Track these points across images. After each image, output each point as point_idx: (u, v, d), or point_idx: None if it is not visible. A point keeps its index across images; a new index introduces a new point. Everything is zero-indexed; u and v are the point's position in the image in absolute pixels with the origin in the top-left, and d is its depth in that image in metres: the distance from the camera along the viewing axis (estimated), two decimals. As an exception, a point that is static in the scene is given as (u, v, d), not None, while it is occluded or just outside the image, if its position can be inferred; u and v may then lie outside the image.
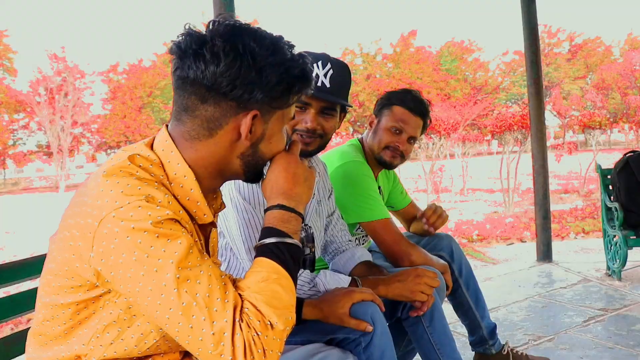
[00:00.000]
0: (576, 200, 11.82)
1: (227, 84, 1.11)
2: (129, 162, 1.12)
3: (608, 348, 3.00)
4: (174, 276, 1.03)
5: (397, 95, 2.50)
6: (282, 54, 1.16)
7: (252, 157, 1.23)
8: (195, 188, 1.18)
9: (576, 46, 46.25)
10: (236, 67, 1.10)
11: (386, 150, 2.48)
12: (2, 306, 1.60)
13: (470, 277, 2.56)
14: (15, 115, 34.76)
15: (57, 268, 1.13)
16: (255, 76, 1.12)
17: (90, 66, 52.44)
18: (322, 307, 1.58)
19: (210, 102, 1.14)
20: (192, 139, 1.18)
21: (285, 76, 1.16)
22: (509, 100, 46.63)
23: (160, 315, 1.04)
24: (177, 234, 1.06)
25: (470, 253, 6.59)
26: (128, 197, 1.04)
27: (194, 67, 1.12)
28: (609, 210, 4.60)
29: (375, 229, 2.31)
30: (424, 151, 12.72)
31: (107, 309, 1.13)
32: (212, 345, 1.03)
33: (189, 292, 1.03)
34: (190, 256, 1.06)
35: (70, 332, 1.17)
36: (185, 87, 1.15)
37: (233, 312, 1.06)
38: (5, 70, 35.37)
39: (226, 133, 1.17)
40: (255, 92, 1.14)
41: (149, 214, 1.03)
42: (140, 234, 1.02)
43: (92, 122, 35.52)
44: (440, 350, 1.99)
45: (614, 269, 4.45)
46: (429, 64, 43.25)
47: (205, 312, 1.04)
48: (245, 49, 1.11)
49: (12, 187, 35.53)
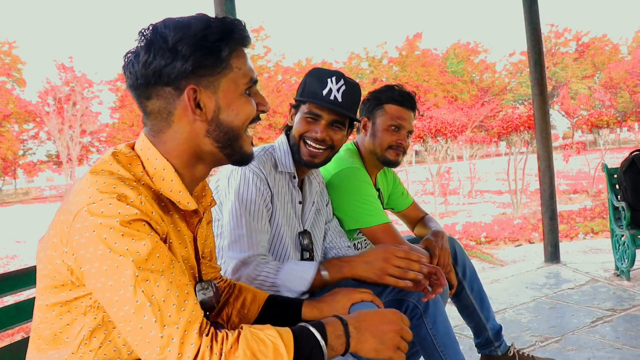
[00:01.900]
0: (585, 201, 11.77)
1: (152, 73, 1.17)
2: (111, 161, 1.17)
3: (616, 349, 2.98)
4: (133, 274, 1.05)
5: (385, 93, 2.50)
6: (195, 26, 1.18)
7: (219, 130, 1.24)
8: (176, 179, 1.22)
9: (583, 45, 46.03)
10: (152, 54, 1.16)
11: (390, 150, 2.49)
12: (8, 313, 1.62)
13: (474, 279, 2.56)
14: (25, 125, 35.04)
15: (43, 268, 1.17)
16: (170, 55, 1.16)
17: (97, 75, 52.81)
18: (321, 308, 1.58)
19: (153, 96, 1.20)
20: (157, 134, 1.23)
21: (201, 43, 1.17)
22: (516, 101, 46.49)
23: (116, 312, 1.07)
24: (142, 235, 1.08)
25: (478, 255, 6.57)
26: (101, 194, 1.08)
27: (128, 74, 1.20)
28: (617, 209, 4.58)
29: (375, 234, 2.31)
30: (431, 154, 12.69)
31: (91, 314, 1.15)
32: (158, 348, 1.05)
33: (145, 293, 1.05)
34: (153, 259, 1.08)
35: (57, 337, 1.18)
36: (134, 94, 1.23)
37: (186, 323, 1.07)
38: (15, 81, 35.64)
39: (180, 117, 1.21)
40: (178, 67, 1.16)
41: (118, 212, 1.06)
42: (106, 230, 1.05)
43: (100, 130, 35.72)
44: (444, 352, 1.99)
45: (622, 268, 4.43)
46: (435, 66, 43.21)
47: (157, 315, 1.05)
48: (155, 36, 1.17)
49: (23, 197, 35.77)
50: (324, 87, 1.96)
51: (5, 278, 1.65)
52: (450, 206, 12.55)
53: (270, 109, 1.54)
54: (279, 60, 39.64)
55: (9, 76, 35.10)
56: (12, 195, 37.36)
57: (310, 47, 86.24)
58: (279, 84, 37.94)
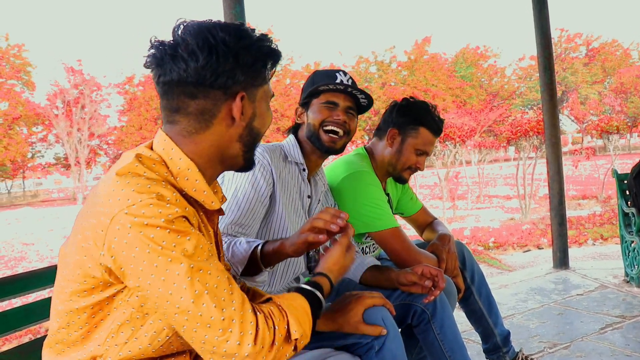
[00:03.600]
0: (594, 206, 11.71)
1: (210, 75, 1.19)
2: (137, 163, 1.18)
3: (626, 356, 2.96)
4: (188, 266, 1.10)
5: (424, 116, 2.46)
6: (249, 36, 1.24)
7: (249, 136, 1.31)
8: (200, 179, 1.25)
9: (593, 50, 45.82)
10: (214, 57, 1.19)
11: (408, 170, 2.51)
12: (17, 315, 1.63)
13: (483, 284, 2.54)
14: (34, 128, 35.18)
15: (69, 273, 1.18)
16: (233, 61, 1.21)
17: (106, 78, 53.05)
18: (335, 318, 1.59)
19: (199, 97, 1.22)
20: (189, 135, 1.25)
21: (259, 54, 1.25)
22: (525, 106, 46.30)
23: (171, 305, 1.10)
24: (187, 231, 1.12)
25: (486, 260, 6.55)
26: (140, 195, 1.10)
27: (176, 69, 1.19)
28: (627, 215, 4.55)
29: (384, 238, 2.31)
30: (439, 158, 12.67)
31: (121, 309, 1.18)
32: (220, 330, 1.10)
33: (200, 282, 1.10)
34: (199, 251, 1.12)
35: (87, 336, 1.21)
36: (172, 91, 1.23)
37: (240, 304, 1.14)
38: (24, 84, 35.83)
39: (221, 121, 1.25)
40: (237, 75, 1.22)
41: (159, 212, 1.09)
42: (153, 230, 1.08)
43: (108, 133, 35.80)
44: (451, 357, 1.99)
45: (632, 275, 4.40)
46: (444, 71, 43.09)
47: (215, 300, 1.11)
48: (217, 40, 1.19)
49: (31, 199, 35.93)
50: (335, 79, 2.05)
51: (14, 280, 1.66)
52: (458, 211, 12.52)
53: (278, 113, 1.59)
54: (287, 64, 39.59)
55: (19, 79, 35.30)
56: (21, 198, 37.52)
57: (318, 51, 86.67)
58: (287, 88, 37.93)
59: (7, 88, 33.60)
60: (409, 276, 1.99)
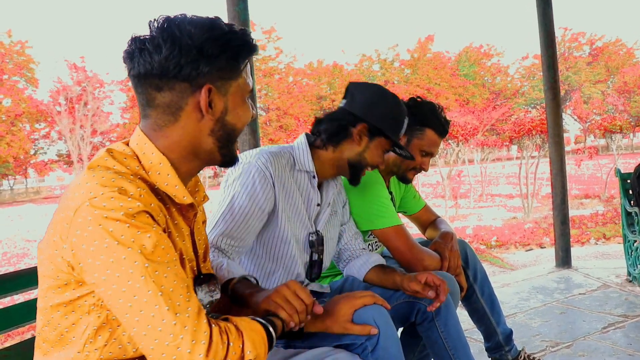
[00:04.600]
0: (597, 206, 11.69)
1: (173, 67, 1.19)
2: (107, 157, 1.19)
3: (628, 355, 2.95)
4: (143, 264, 1.07)
5: (431, 117, 2.43)
6: (219, 29, 1.22)
7: (222, 131, 1.28)
8: (172, 173, 1.24)
9: (597, 49, 45.72)
10: (177, 49, 1.18)
11: (413, 171, 2.49)
12: (20, 311, 1.63)
13: (485, 283, 2.54)
14: (37, 124, 35.24)
15: (45, 269, 1.17)
16: (196, 53, 1.19)
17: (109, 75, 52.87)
18: (323, 319, 1.57)
19: (165, 89, 1.21)
20: (160, 128, 1.25)
21: (227, 47, 1.22)
22: (528, 105, 46.23)
23: (123, 304, 1.07)
24: (147, 227, 1.10)
25: (488, 259, 6.54)
26: (102, 188, 1.09)
27: (142, 62, 1.20)
28: (629, 215, 4.54)
29: (387, 235, 2.30)
30: (442, 157, 12.66)
31: (95, 313, 1.15)
32: (170, 335, 1.07)
33: (155, 282, 1.07)
34: (159, 251, 1.10)
35: (63, 337, 1.18)
36: (140, 83, 1.23)
37: (196, 312, 1.11)
38: (27, 81, 35.88)
39: (189, 114, 1.24)
40: (201, 67, 1.20)
41: (120, 205, 1.07)
42: (112, 223, 1.06)
43: (111, 131, 35.83)
44: (455, 355, 1.98)
45: (634, 274, 4.39)
46: (447, 69, 43.05)
47: (169, 303, 1.08)
48: (182, 32, 1.18)
49: (34, 196, 36.03)
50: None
51: (16, 276, 1.66)
52: (460, 210, 12.51)
53: (280, 110, 1.55)
54: (290, 61, 39.58)
55: (22, 76, 35.33)
56: (23, 194, 37.65)
57: (321, 49, 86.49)
58: (290, 86, 37.94)
59: (10, 85, 33.67)
60: (412, 285, 1.95)
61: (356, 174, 2.03)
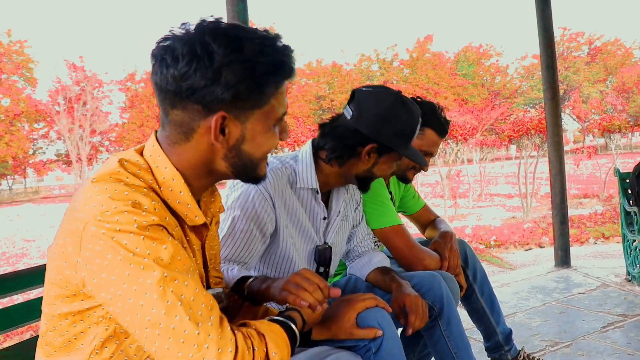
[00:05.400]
0: (596, 205, 11.69)
1: (186, 87, 1.09)
2: (119, 168, 1.11)
3: (627, 355, 2.95)
4: (161, 275, 1.02)
5: (430, 116, 2.39)
6: (247, 50, 1.10)
7: (237, 159, 1.19)
8: (185, 190, 1.17)
9: (595, 49, 45.76)
10: (192, 69, 1.08)
11: (412, 171, 2.49)
12: (19, 311, 1.63)
13: (485, 282, 2.54)
14: (35, 124, 35.26)
15: (53, 277, 1.13)
16: (212, 76, 1.08)
17: (108, 75, 52.97)
18: (329, 326, 1.55)
19: (178, 107, 1.13)
20: (173, 144, 1.17)
21: (249, 74, 1.10)
22: (527, 105, 46.26)
23: (141, 318, 1.02)
24: (162, 239, 1.05)
25: (487, 258, 6.55)
26: (115, 202, 1.03)
27: (159, 73, 1.11)
28: (628, 214, 4.54)
29: (387, 235, 2.30)
30: (441, 156, 12.66)
31: (103, 325, 1.12)
32: (195, 346, 1.02)
33: (174, 292, 1.03)
34: (176, 261, 1.05)
35: (70, 344, 1.16)
36: (159, 93, 1.15)
37: (219, 320, 1.07)
38: (26, 80, 35.87)
39: (201, 136, 1.15)
40: (217, 92, 1.09)
41: (134, 219, 1.02)
42: (126, 236, 1.01)
43: (110, 130, 35.90)
44: (457, 355, 1.98)
45: (633, 274, 4.39)
46: (446, 69, 43.10)
47: (189, 313, 1.03)
48: (203, 50, 1.08)
49: (32, 196, 36.01)
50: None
51: (15, 277, 1.66)
52: (460, 209, 12.50)
53: None
54: (289, 61, 39.55)
55: (20, 75, 35.33)
56: (22, 194, 37.63)
57: (320, 49, 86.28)
58: (289, 86, 37.81)
59: (9, 84, 33.70)
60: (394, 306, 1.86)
61: (365, 184, 1.98)
